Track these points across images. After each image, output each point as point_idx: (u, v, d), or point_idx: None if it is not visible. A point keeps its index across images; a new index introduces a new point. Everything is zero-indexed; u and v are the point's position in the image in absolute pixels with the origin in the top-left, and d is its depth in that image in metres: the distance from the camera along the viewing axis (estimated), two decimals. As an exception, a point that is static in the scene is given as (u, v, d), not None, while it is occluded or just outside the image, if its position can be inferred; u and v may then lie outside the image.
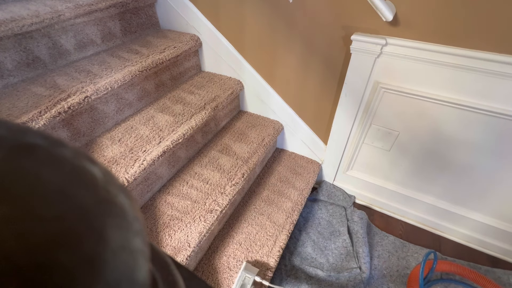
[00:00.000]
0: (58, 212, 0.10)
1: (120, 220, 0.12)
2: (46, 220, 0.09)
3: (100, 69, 0.85)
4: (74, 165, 0.11)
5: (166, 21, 1.14)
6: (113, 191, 0.12)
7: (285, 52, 0.99)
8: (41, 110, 0.67)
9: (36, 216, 0.09)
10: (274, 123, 1.17)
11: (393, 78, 0.83)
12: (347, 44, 0.85)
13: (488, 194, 0.92)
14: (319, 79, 0.98)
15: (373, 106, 0.92)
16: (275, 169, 1.17)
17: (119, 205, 0.12)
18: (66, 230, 0.10)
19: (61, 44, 0.85)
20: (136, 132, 0.86)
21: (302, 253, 1.01)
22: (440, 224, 1.07)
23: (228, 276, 0.82)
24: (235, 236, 0.92)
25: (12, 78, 0.77)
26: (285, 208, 1.01)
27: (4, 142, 0.10)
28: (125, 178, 0.71)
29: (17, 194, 0.09)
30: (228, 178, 0.91)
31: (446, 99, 0.79)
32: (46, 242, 0.09)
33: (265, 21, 0.95)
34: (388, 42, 0.77)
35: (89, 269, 0.10)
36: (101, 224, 0.11)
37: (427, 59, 0.75)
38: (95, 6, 0.86)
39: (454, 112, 0.81)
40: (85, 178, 0.12)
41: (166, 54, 0.96)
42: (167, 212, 0.82)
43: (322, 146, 1.16)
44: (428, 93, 0.81)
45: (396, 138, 0.96)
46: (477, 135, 0.82)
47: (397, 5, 0.73)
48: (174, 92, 1.05)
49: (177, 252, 0.72)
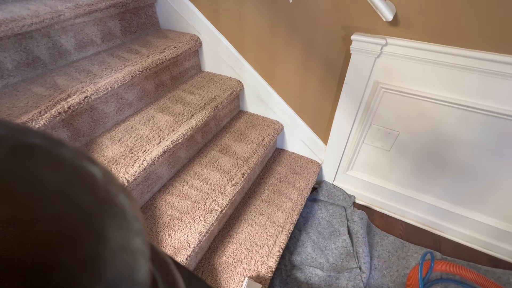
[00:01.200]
0: (58, 212, 0.10)
1: (120, 220, 0.12)
2: (46, 220, 0.09)
3: (100, 69, 0.85)
4: (74, 165, 0.12)
5: (166, 21, 1.14)
6: (113, 191, 0.12)
7: (285, 52, 0.99)
8: (41, 110, 0.67)
9: (36, 216, 0.09)
10: (274, 123, 1.17)
11: (393, 78, 0.83)
12: (347, 44, 0.85)
13: (488, 194, 0.91)
14: (319, 79, 0.98)
15: (373, 106, 0.92)
16: (275, 169, 1.17)
17: (119, 205, 0.12)
18: (66, 230, 0.10)
19: (61, 44, 0.85)
20: (136, 132, 0.86)
21: (302, 253, 1.01)
22: (440, 224, 1.07)
23: (228, 276, 0.82)
24: (235, 236, 0.92)
25: (12, 78, 0.77)
26: (285, 208, 1.01)
27: (4, 142, 0.10)
28: (125, 178, 0.71)
29: (17, 194, 0.09)
30: (228, 178, 0.91)
31: (446, 99, 0.79)
32: (47, 242, 0.09)
33: (265, 21, 0.95)
34: (388, 42, 0.77)
35: (89, 269, 0.10)
36: (101, 224, 0.11)
37: (427, 59, 0.75)
38: (95, 6, 0.86)
39: (454, 112, 0.81)
40: (85, 178, 0.12)
41: (166, 54, 0.96)
42: (167, 212, 0.82)
43: (322, 146, 1.16)
44: (428, 93, 0.81)
45: (396, 138, 0.96)
46: (477, 135, 0.82)
47: (397, 5, 0.73)
48: (174, 92, 1.05)
49: (177, 252, 0.72)
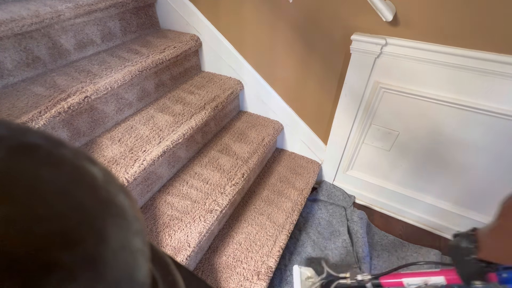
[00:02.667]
0: (59, 212, 0.10)
1: (120, 220, 0.12)
2: (46, 220, 0.09)
3: (100, 69, 0.84)
4: (74, 165, 0.12)
5: (166, 21, 1.14)
6: (113, 191, 0.12)
7: (285, 52, 0.99)
8: (41, 110, 0.67)
9: (37, 216, 0.09)
10: (274, 123, 1.17)
11: (393, 78, 0.83)
12: (347, 44, 0.85)
13: (488, 194, 0.91)
14: (319, 79, 0.98)
15: (373, 106, 0.92)
16: (275, 169, 1.17)
17: (119, 205, 0.12)
18: (66, 230, 0.10)
19: (61, 44, 0.85)
20: (136, 132, 0.86)
21: (302, 253, 1.01)
22: (440, 224, 1.07)
23: (228, 276, 0.82)
24: (235, 236, 0.92)
25: (12, 78, 0.77)
26: (285, 208, 1.01)
27: (4, 142, 0.10)
28: (125, 178, 0.71)
29: (18, 194, 0.09)
30: (228, 178, 0.91)
31: (446, 99, 0.79)
32: (47, 242, 0.09)
33: (265, 21, 0.95)
34: (388, 42, 0.77)
35: (90, 269, 0.10)
36: (101, 224, 0.11)
37: (427, 59, 0.75)
38: (95, 6, 0.86)
39: (454, 112, 0.81)
40: (85, 178, 0.12)
41: (166, 54, 0.96)
42: (167, 212, 0.82)
43: (322, 146, 1.16)
44: (428, 93, 0.81)
45: (396, 138, 0.96)
46: (477, 135, 0.82)
47: (397, 5, 0.73)
48: (174, 92, 1.05)
49: (177, 252, 0.72)
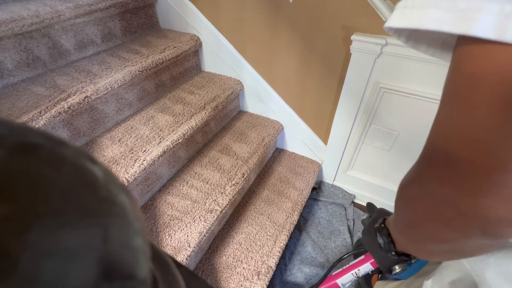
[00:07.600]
0: (59, 212, 0.10)
1: (121, 219, 0.12)
2: (47, 219, 0.09)
3: (100, 69, 0.84)
4: (75, 164, 0.12)
5: (166, 21, 1.14)
6: (114, 190, 0.12)
7: (285, 52, 0.99)
8: (41, 110, 0.67)
9: (38, 216, 0.09)
10: (274, 123, 1.17)
11: (393, 78, 0.83)
12: (347, 44, 0.85)
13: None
14: (319, 79, 0.98)
15: (373, 106, 0.92)
16: (275, 169, 1.17)
17: (120, 204, 0.12)
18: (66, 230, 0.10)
19: (61, 44, 0.85)
20: (136, 132, 0.86)
21: (302, 252, 1.01)
22: (440, 224, 1.07)
23: (228, 276, 0.82)
24: (235, 236, 0.92)
25: (12, 78, 0.77)
26: (285, 208, 1.01)
27: (5, 142, 0.10)
28: (125, 178, 0.71)
29: (19, 193, 0.09)
30: (228, 178, 0.91)
31: (446, 99, 0.79)
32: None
33: (265, 21, 0.95)
34: (388, 42, 0.77)
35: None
36: (102, 224, 0.11)
37: (427, 59, 0.75)
38: (95, 6, 0.86)
39: (454, 112, 0.81)
40: (86, 177, 0.12)
41: (166, 54, 0.96)
42: (167, 212, 0.82)
43: (322, 146, 1.16)
44: (428, 93, 0.81)
45: (396, 138, 0.96)
46: (477, 135, 0.82)
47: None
48: (174, 92, 1.05)
49: (177, 252, 0.72)
